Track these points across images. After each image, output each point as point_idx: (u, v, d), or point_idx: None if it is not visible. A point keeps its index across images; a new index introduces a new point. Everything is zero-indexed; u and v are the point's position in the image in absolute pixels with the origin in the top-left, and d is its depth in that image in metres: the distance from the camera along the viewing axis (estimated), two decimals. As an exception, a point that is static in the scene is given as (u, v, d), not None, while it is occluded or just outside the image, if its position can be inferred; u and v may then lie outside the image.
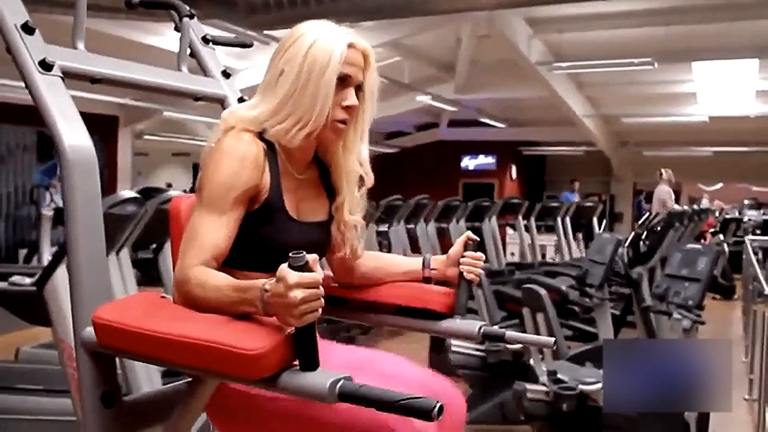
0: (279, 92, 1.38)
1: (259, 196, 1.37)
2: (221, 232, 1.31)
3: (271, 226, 1.39)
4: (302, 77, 1.36)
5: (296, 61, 1.37)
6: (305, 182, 1.48)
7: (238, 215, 1.34)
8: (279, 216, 1.40)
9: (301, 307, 1.06)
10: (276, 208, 1.39)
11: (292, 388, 1.09)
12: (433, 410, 0.98)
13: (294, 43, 1.39)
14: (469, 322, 1.56)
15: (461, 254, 1.57)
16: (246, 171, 1.34)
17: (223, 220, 1.32)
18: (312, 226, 1.47)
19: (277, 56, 1.41)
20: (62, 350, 2.82)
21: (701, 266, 3.61)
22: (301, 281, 1.05)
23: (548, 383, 3.55)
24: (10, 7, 1.37)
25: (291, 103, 1.37)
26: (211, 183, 1.33)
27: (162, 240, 3.77)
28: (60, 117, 1.33)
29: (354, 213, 1.53)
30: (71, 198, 1.30)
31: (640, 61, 8.68)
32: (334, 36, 1.39)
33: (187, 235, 1.32)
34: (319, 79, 1.36)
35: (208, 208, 1.32)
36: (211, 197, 1.32)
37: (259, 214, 1.38)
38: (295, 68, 1.37)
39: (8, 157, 10.95)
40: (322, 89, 1.36)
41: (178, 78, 1.73)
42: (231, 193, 1.32)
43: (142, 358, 1.22)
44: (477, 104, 12.82)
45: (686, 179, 15.11)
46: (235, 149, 1.35)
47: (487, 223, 7.96)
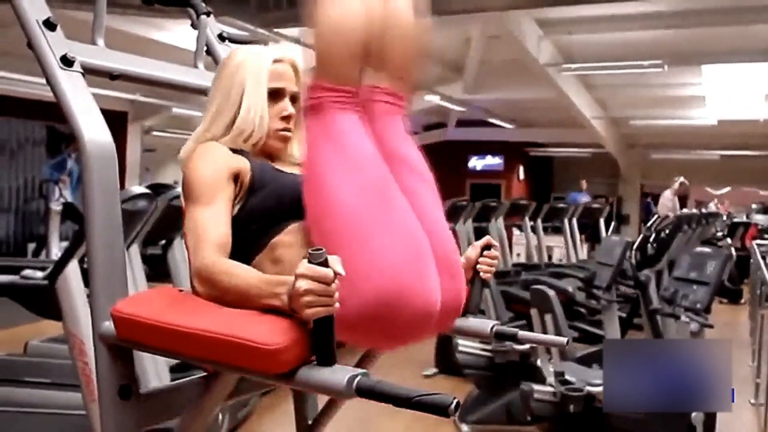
0: (211, 109, 1.50)
1: (243, 177, 1.41)
2: (218, 219, 1.35)
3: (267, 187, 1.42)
4: (233, 95, 1.48)
5: (226, 82, 1.50)
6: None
7: (227, 200, 1.38)
8: (271, 174, 1.45)
9: (305, 298, 1.07)
10: (266, 170, 1.45)
11: (310, 384, 1.09)
12: (449, 406, 0.99)
13: (225, 68, 1.52)
14: (482, 320, 1.57)
15: (479, 257, 1.58)
16: (218, 161, 1.40)
17: (216, 208, 1.35)
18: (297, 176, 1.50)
19: (213, 83, 1.54)
20: (73, 344, 2.84)
21: (710, 270, 3.61)
22: (307, 272, 1.07)
23: (555, 384, 3.56)
24: (32, 3, 1.39)
25: (224, 117, 1.48)
26: (194, 182, 1.38)
27: (171, 236, 3.79)
28: (81, 112, 1.34)
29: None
30: (91, 192, 1.32)
31: (650, 63, 8.67)
32: (259, 54, 1.52)
33: (191, 233, 1.34)
34: (251, 94, 1.48)
35: (199, 204, 1.36)
36: (198, 193, 1.37)
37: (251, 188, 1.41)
38: (224, 88, 1.49)
39: (18, 151, 11.01)
40: (257, 104, 1.48)
41: (194, 75, 1.75)
42: (212, 181, 1.37)
43: (160, 352, 1.23)
44: (485, 105, 12.81)
45: (694, 182, 15.06)
46: (203, 152, 1.43)
47: (494, 223, 7.95)
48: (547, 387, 3.66)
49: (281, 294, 1.13)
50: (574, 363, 3.86)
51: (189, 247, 1.33)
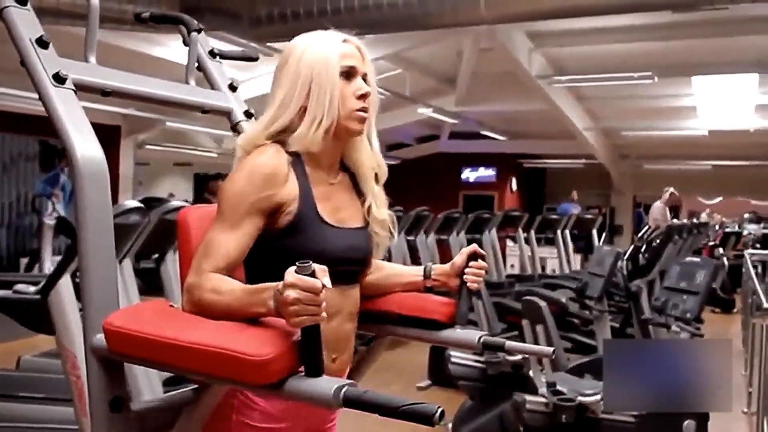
0: (275, 102, 1.43)
1: (287, 208, 1.39)
2: (232, 243, 1.34)
3: (309, 235, 1.40)
4: (301, 82, 1.41)
5: (290, 71, 1.42)
6: (339, 188, 1.50)
7: (253, 228, 1.36)
8: (316, 224, 1.41)
9: (292, 307, 1.09)
10: (310, 216, 1.41)
11: (298, 394, 1.12)
12: (434, 415, 1.02)
13: (288, 57, 1.45)
14: (470, 331, 1.59)
15: (465, 265, 1.58)
16: (260, 183, 1.36)
17: (235, 231, 1.35)
18: (352, 233, 1.49)
19: (275, 74, 1.47)
20: (65, 358, 2.84)
21: (699, 279, 3.64)
22: (295, 282, 1.09)
23: (547, 395, 3.58)
24: (25, 22, 1.41)
25: (292, 107, 1.42)
26: (225, 197, 1.37)
27: (164, 250, 3.79)
28: (73, 129, 1.36)
29: (380, 207, 1.54)
30: (83, 207, 1.33)
31: (640, 75, 8.74)
32: (326, 37, 1.45)
33: (201, 246, 1.35)
34: (321, 76, 1.40)
35: (221, 221, 1.36)
36: (224, 210, 1.36)
37: (294, 227, 1.39)
38: (290, 77, 1.42)
39: (11, 166, 11.00)
40: (327, 85, 1.40)
41: (186, 91, 1.76)
42: (244, 205, 1.35)
43: (151, 365, 1.24)
44: (478, 117, 12.87)
45: (686, 193, 15.13)
46: (253, 162, 1.38)
47: (487, 235, 7.99)
48: (540, 398, 3.67)
49: (267, 299, 1.15)
50: (567, 374, 3.88)
51: (194, 257, 1.34)
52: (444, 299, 1.61)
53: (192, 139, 12.50)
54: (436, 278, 1.64)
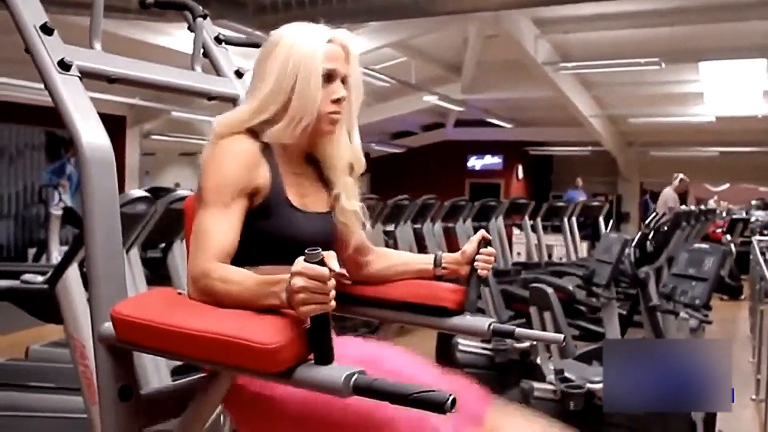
0: (259, 94, 1.45)
1: (260, 192, 1.42)
2: (228, 226, 1.35)
3: (278, 218, 1.43)
4: (287, 78, 1.43)
5: (277, 64, 1.44)
6: (304, 177, 1.54)
7: (241, 209, 1.39)
8: (284, 208, 1.45)
9: (299, 295, 1.08)
10: (280, 200, 1.44)
11: (307, 382, 1.11)
12: (445, 403, 1.00)
13: (275, 47, 1.46)
14: (479, 318, 1.58)
15: (476, 252, 1.58)
16: (242, 168, 1.40)
17: (227, 214, 1.36)
18: (317, 217, 1.51)
19: (260, 62, 1.48)
20: (74, 347, 2.84)
21: (708, 266, 3.61)
22: (303, 270, 1.09)
23: (555, 382, 3.57)
24: (29, 8, 1.40)
25: (277, 102, 1.44)
26: (211, 182, 1.38)
27: (171, 239, 3.79)
28: (78, 116, 1.35)
29: (350, 199, 1.57)
30: (90, 195, 1.33)
31: (647, 61, 8.68)
32: (312, 35, 1.46)
33: (196, 234, 1.35)
34: (304, 78, 1.43)
35: (211, 207, 1.36)
36: (213, 195, 1.37)
37: (264, 209, 1.42)
38: (277, 70, 1.44)
39: (17, 156, 11.01)
40: (310, 88, 1.43)
41: (192, 78, 1.75)
42: (230, 188, 1.37)
43: (159, 353, 1.24)
44: (484, 104, 12.82)
45: (693, 179, 15.07)
46: (230, 149, 1.41)
47: (493, 222, 7.96)
48: (548, 385, 3.66)
49: (279, 292, 1.15)
50: (574, 361, 3.87)
51: (190, 249, 1.34)
52: (454, 286, 1.61)
53: (197, 129, 12.49)
54: (446, 266, 1.64)
